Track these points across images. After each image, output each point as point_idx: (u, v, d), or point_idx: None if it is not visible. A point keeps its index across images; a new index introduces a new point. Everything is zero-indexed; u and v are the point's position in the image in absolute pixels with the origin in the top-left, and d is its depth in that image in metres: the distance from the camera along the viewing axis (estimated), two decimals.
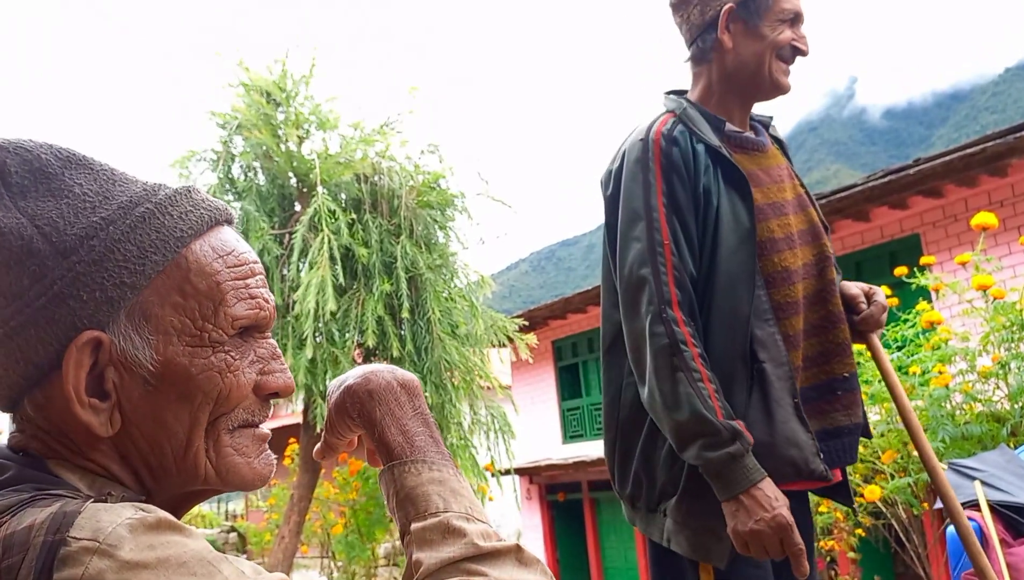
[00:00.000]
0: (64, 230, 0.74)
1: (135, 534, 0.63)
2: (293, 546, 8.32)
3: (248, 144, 7.84)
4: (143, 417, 0.76)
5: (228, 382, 0.79)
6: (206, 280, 0.78)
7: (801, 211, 1.99)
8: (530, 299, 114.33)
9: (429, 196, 7.99)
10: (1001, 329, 4.53)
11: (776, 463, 1.76)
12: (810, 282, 1.93)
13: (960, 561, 2.65)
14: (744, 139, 1.99)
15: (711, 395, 1.70)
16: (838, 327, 1.93)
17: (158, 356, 0.76)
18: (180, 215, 0.79)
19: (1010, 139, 7.24)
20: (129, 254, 0.75)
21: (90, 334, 0.73)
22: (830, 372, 1.91)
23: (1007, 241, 7.51)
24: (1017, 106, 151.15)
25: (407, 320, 7.43)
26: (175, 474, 0.79)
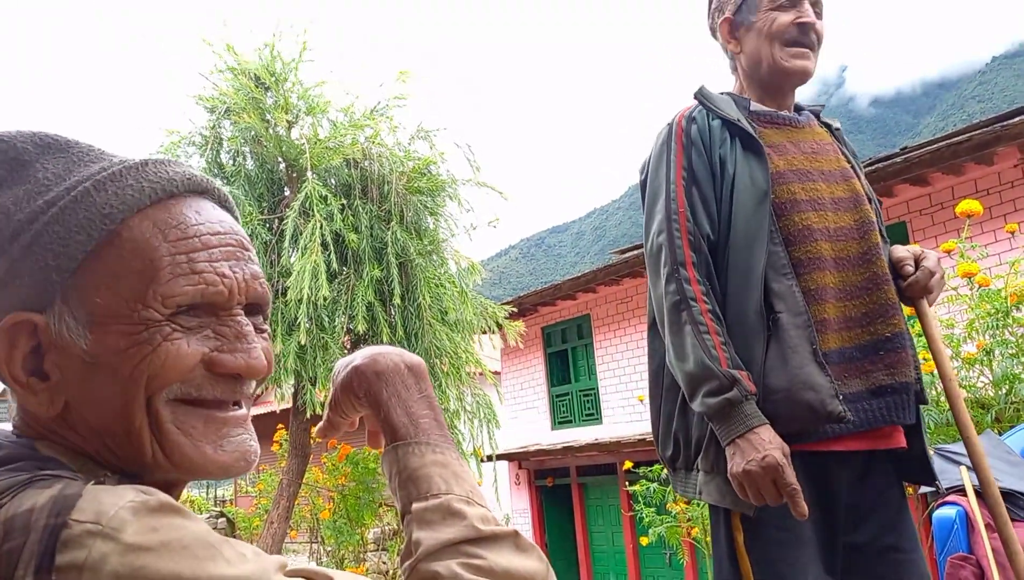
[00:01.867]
0: (13, 216, 0.75)
1: (138, 517, 0.62)
2: (282, 531, 8.33)
3: (236, 129, 7.80)
4: (85, 397, 0.76)
5: (160, 354, 0.75)
6: (140, 258, 0.75)
7: (843, 181, 2.04)
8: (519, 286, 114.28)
9: (419, 182, 7.97)
10: (986, 316, 4.57)
11: (793, 407, 1.80)
12: (850, 244, 1.97)
13: (946, 546, 2.69)
14: (774, 115, 2.08)
15: (716, 346, 1.80)
16: (882, 288, 1.94)
17: (92, 336, 0.74)
18: (115, 191, 0.76)
19: (996, 128, 7.29)
20: (55, 236, 0.74)
21: (17, 317, 0.74)
22: (874, 332, 1.92)
23: (992, 229, 7.57)
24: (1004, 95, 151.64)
25: (397, 306, 7.42)
26: (126, 454, 0.77)
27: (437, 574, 0.73)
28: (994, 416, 4.36)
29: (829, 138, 2.14)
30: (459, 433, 8.11)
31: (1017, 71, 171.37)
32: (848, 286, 1.94)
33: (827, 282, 1.92)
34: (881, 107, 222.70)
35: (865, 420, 1.86)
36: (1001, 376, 4.44)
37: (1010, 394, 4.38)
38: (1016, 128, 7.17)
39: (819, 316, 1.89)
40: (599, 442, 12.47)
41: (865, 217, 2.00)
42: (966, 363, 4.67)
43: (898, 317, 1.94)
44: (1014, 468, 2.85)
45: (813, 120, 2.16)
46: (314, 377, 7.37)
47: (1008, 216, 7.62)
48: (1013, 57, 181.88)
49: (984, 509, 2.68)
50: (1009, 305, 4.50)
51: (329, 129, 8.09)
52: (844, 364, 1.89)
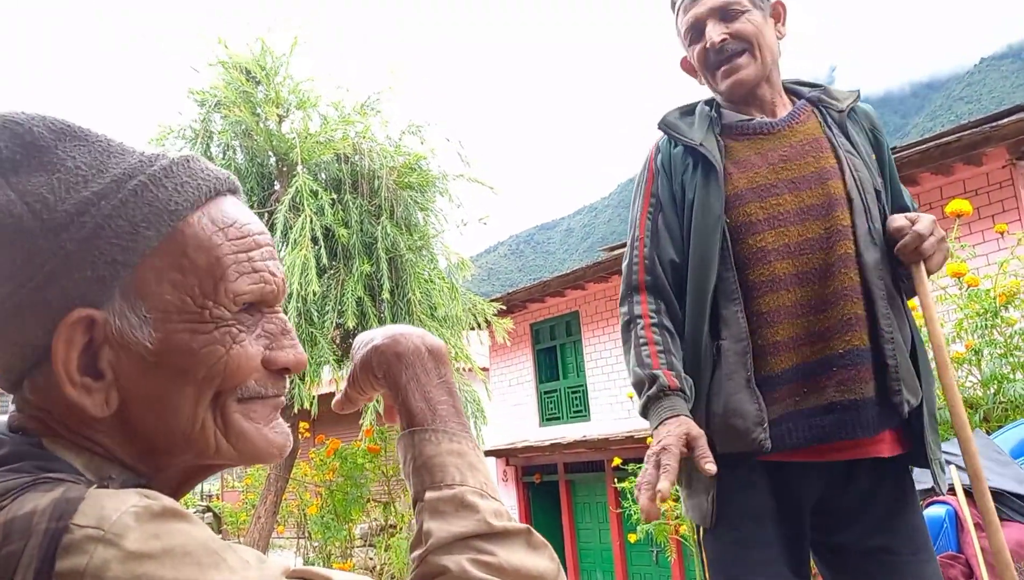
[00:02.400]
0: (54, 206, 0.71)
1: (140, 523, 0.61)
2: (269, 526, 8.31)
3: (227, 122, 7.75)
4: (145, 395, 0.74)
5: (234, 355, 0.77)
6: (205, 255, 0.76)
7: (817, 185, 1.94)
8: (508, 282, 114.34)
9: (410, 177, 7.95)
10: (975, 316, 4.60)
11: (726, 432, 1.87)
12: (815, 256, 1.90)
13: (935, 545, 2.70)
14: (745, 126, 2.04)
15: (652, 354, 1.89)
16: (843, 303, 1.88)
17: (156, 333, 0.74)
18: (175, 187, 0.76)
19: (986, 128, 7.32)
20: (120, 230, 0.72)
21: (80, 313, 0.71)
22: (830, 348, 1.88)
23: (980, 229, 7.61)
24: (992, 96, 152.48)
25: (387, 301, 7.40)
26: (185, 449, 0.77)
27: (446, 569, 0.72)
28: (982, 416, 4.38)
29: (818, 131, 2.03)
30: None
31: (1005, 72, 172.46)
32: (811, 300, 1.89)
33: (782, 302, 1.89)
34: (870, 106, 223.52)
35: (815, 436, 1.86)
36: (989, 376, 4.47)
37: (998, 394, 4.40)
38: (1005, 129, 7.21)
39: (771, 338, 1.88)
40: (587, 439, 12.49)
41: (836, 224, 1.91)
42: (955, 363, 4.69)
43: (855, 333, 1.87)
44: (1004, 468, 2.87)
45: (804, 111, 2.07)
46: (303, 372, 7.34)
47: (996, 216, 7.66)
48: (1001, 59, 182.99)
49: (973, 508, 2.69)
50: (998, 305, 4.52)
51: (320, 124, 8.06)
52: (800, 381, 1.88)
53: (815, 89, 2.14)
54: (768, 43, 2.02)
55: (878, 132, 2.12)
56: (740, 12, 2.00)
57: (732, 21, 2.00)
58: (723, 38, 1.99)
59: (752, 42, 1.99)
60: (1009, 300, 4.50)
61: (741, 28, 1.99)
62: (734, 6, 2.00)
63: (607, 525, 13.80)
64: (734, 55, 2.00)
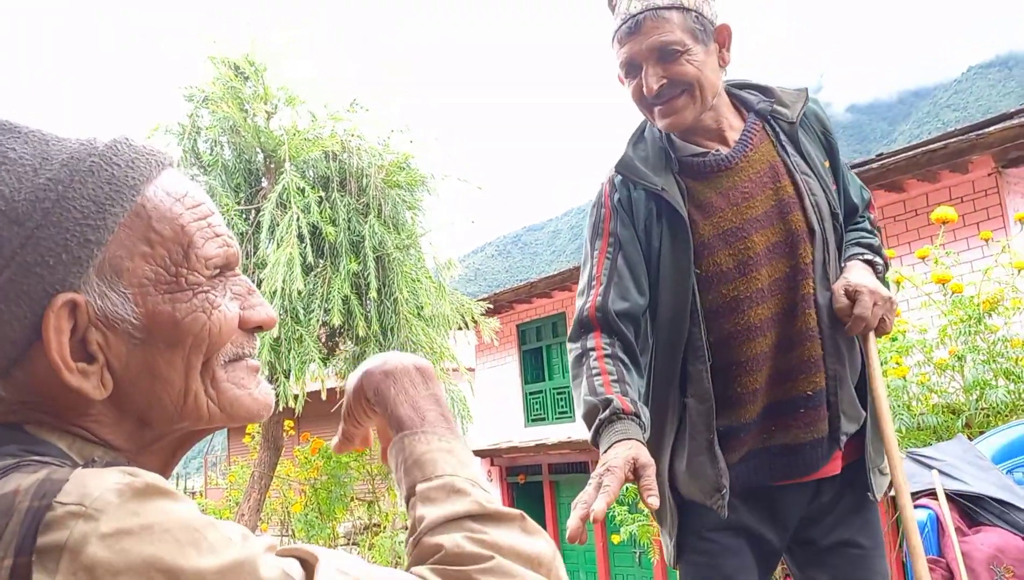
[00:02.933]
0: (11, 197, 0.71)
1: (122, 499, 0.61)
2: (253, 523, 8.28)
3: (215, 118, 7.74)
4: (136, 372, 0.75)
5: (215, 320, 0.78)
6: (170, 225, 0.77)
7: (779, 220, 1.91)
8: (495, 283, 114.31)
9: (398, 176, 7.95)
10: (959, 322, 4.63)
11: (689, 489, 1.93)
12: (785, 296, 1.90)
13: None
14: (702, 163, 1.95)
15: (605, 383, 1.80)
16: (806, 344, 1.89)
17: (139, 308, 0.74)
18: (127, 164, 0.76)
19: (972, 136, 7.37)
20: (87, 210, 0.72)
21: (64, 297, 0.70)
22: (795, 389, 1.89)
23: (965, 237, 7.65)
24: (978, 104, 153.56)
25: (374, 300, 7.40)
26: (177, 419, 0.78)
27: (440, 546, 0.72)
28: (964, 421, 4.41)
29: (772, 154, 1.96)
30: None
31: (992, 81, 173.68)
32: (779, 341, 1.90)
33: (759, 350, 1.88)
34: (857, 113, 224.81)
35: (782, 474, 1.93)
36: (972, 382, 4.50)
37: (980, 400, 4.43)
38: (991, 137, 7.26)
39: (750, 387, 1.89)
40: (572, 440, 12.48)
41: (800, 262, 1.90)
42: (938, 368, 4.73)
43: (819, 373, 1.89)
44: (984, 473, 2.89)
45: (756, 133, 1.98)
46: (288, 370, 7.32)
47: (981, 224, 7.71)
48: (988, 67, 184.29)
49: (955, 513, 2.72)
50: (982, 312, 4.55)
51: (308, 121, 8.05)
52: (769, 421, 1.92)
53: (764, 98, 2.03)
54: (709, 81, 1.89)
55: (829, 134, 2.06)
56: (679, 53, 1.85)
57: (671, 63, 1.85)
58: (661, 84, 1.86)
59: (692, 84, 1.87)
60: (993, 307, 4.54)
61: (681, 71, 1.86)
62: (673, 46, 1.84)
63: (590, 525, 13.75)
64: (672, 98, 1.88)
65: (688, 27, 1.85)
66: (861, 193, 2.13)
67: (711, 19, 1.91)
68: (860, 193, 2.12)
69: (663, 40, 1.84)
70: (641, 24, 1.85)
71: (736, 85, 2.07)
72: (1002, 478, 2.91)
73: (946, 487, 2.79)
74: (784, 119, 1.99)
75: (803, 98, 2.03)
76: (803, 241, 1.90)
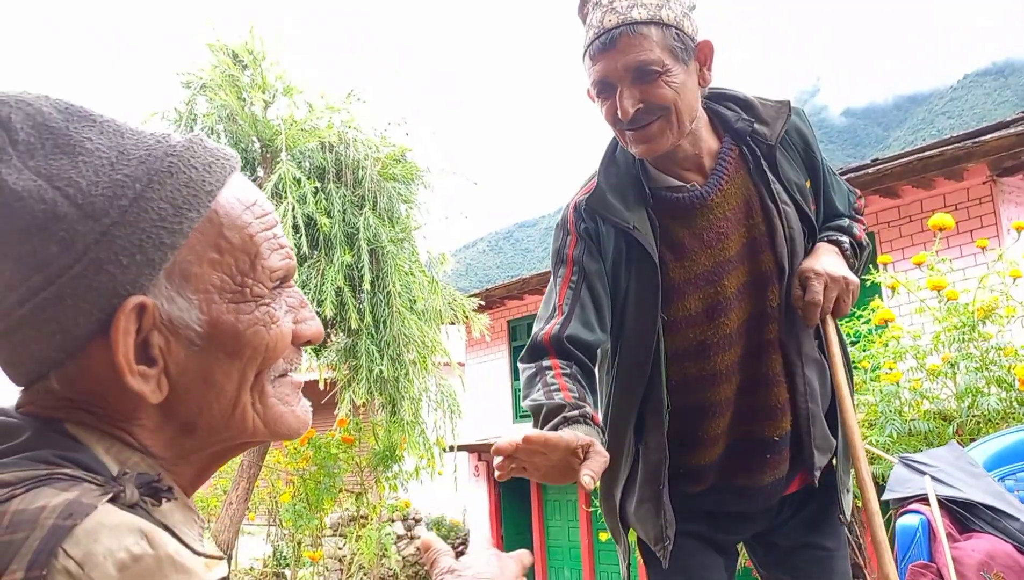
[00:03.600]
0: (88, 191, 0.69)
1: (123, 573, 0.59)
2: (240, 512, 8.26)
3: (212, 105, 7.70)
4: (191, 379, 0.74)
5: (273, 335, 0.78)
6: (239, 233, 0.76)
7: (750, 259, 1.84)
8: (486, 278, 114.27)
9: (394, 169, 7.93)
10: (952, 329, 4.65)
11: (634, 525, 1.94)
12: (749, 340, 1.85)
13: (907, 553, 2.73)
14: (675, 200, 1.84)
15: (566, 396, 1.63)
16: (772, 389, 1.85)
17: (203, 316, 0.73)
18: (204, 167, 0.75)
19: (968, 144, 7.40)
20: (164, 213, 0.71)
21: (135, 300, 0.69)
22: (759, 433, 1.87)
23: (959, 244, 7.69)
24: (973, 112, 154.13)
25: (367, 292, 7.38)
26: (222, 430, 0.77)
27: None
28: (955, 428, 4.43)
29: (748, 187, 1.86)
30: (423, 422, 8.09)
31: (988, 89, 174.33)
32: (747, 382, 1.86)
33: (722, 395, 1.85)
34: (853, 117, 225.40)
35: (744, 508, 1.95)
36: (964, 389, 4.51)
37: (972, 407, 4.45)
38: (987, 145, 7.29)
39: (713, 431, 1.87)
40: None
41: (767, 304, 1.84)
42: (930, 375, 4.75)
43: (785, 417, 1.86)
44: (976, 480, 2.89)
45: (731, 161, 1.86)
46: None
47: (975, 232, 7.74)
48: (984, 75, 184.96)
49: (947, 518, 2.72)
50: (976, 319, 4.57)
51: (305, 111, 8.02)
52: (733, 460, 1.90)
53: (743, 116, 1.88)
54: (688, 105, 1.75)
55: (811, 150, 1.94)
56: (658, 74, 1.70)
57: (648, 84, 1.70)
58: (637, 108, 1.71)
59: (669, 108, 1.72)
60: (987, 315, 4.55)
61: (658, 94, 1.71)
62: (652, 66, 1.68)
63: (576, 523, 13.83)
64: (647, 123, 1.73)
65: (668, 45, 1.69)
66: (848, 200, 2.06)
67: (692, 35, 1.75)
68: (847, 200, 2.05)
69: (640, 59, 1.68)
70: (616, 40, 1.68)
71: (716, 97, 1.92)
72: (994, 485, 2.92)
73: (938, 493, 2.79)
74: (763, 140, 1.86)
75: (784, 114, 1.89)
76: (771, 282, 1.83)
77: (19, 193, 0.67)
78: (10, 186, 0.68)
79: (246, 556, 11.90)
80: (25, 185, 0.68)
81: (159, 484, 0.68)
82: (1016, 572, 2.63)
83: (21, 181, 0.68)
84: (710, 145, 1.86)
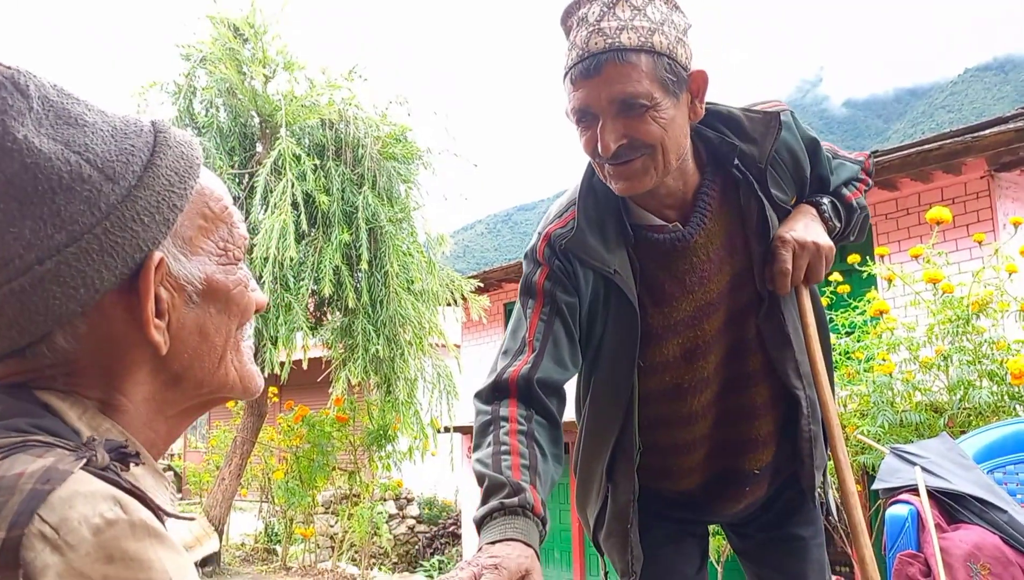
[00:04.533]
0: (105, 156, 0.74)
1: (98, 537, 0.60)
2: (233, 488, 8.30)
3: (212, 79, 7.67)
4: (188, 333, 0.80)
5: (250, 296, 0.87)
6: (217, 204, 0.84)
7: (729, 296, 1.74)
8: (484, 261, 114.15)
9: (394, 148, 7.92)
10: (947, 322, 4.67)
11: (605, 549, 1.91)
12: (727, 371, 1.78)
13: (896, 543, 2.76)
14: (657, 241, 1.71)
15: (514, 466, 1.50)
16: (751, 423, 1.80)
17: (201, 274, 0.80)
18: (188, 145, 0.82)
19: (967, 138, 7.40)
20: (172, 180, 0.78)
21: (159, 255, 0.75)
22: (740, 466, 1.84)
23: (955, 238, 7.70)
24: (972, 106, 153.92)
25: (364, 272, 7.38)
26: (206, 383, 0.83)
27: None
28: (946, 420, 4.46)
29: (733, 222, 1.73)
30: (418, 403, 8.11)
31: (988, 84, 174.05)
32: (725, 415, 1.81)
33: (699, 433, 1.80)
34: (854, 108, 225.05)
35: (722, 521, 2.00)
36: (956, 382, 4.54)
37: (964, 400, 4.48)
38: (986, 140, 7.29)
39: (686, 465, 1.83)
40: None
41: (744, 338, 1.76)
42: (923, 367, 4.77)
43: (768, 449, 1.83)
44: (966, 472, 2.92)
45: (713, 198, 1.72)
46: (275, 337, 7.31)
47: (971, 226, 7.75)
48: (984, 70, 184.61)
49: (935, 509, 2.75)
50: (970, 313, 4.59)
51: (306, 87, 7.99)
52: (711, 488, 1.88)
53: (729, 140, 1.71)
54: (675, 143, 1.59)
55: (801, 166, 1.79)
56: (645, 109, 1.53)
57: (634, 119, 1.54)
58: (619, 144, 1.55)
59: (655, 147, 1.56)
60: (981, 309, 4.58)
61: (644, 131, 1.55)
62: (639, 100, 1.52)
63: (567, 506, 13.89)
64: (629, 160, 1.58)
65: (658, 76, 1.52)
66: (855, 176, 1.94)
67: (685, 64, 1.57)
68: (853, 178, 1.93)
69: (628, 91, 1.51)
70: (602, 67, 1.51)
71: (704, 122, 1.72)
72: (983, 477, 2.94)
73: (928, 484, 2.82)
74: (751, 163, 1.71)
75: (774, 130, 1.70)
76: (751, 315, 1.75)
77: (47, 154, 0.71)
78: (36, 147, 0.71)
79: (237, 532, 11.94)
80: (51, 148, 0.71)
81: (127, 450, 0.71)
82: (1003, 563, 2.66)
83: (47, 144, 0.71)
84: (692, 176, 1.71)
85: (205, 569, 7.67)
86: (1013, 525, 2.72)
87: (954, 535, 2.71)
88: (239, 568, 8.62)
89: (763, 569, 2.01)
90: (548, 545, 14.50)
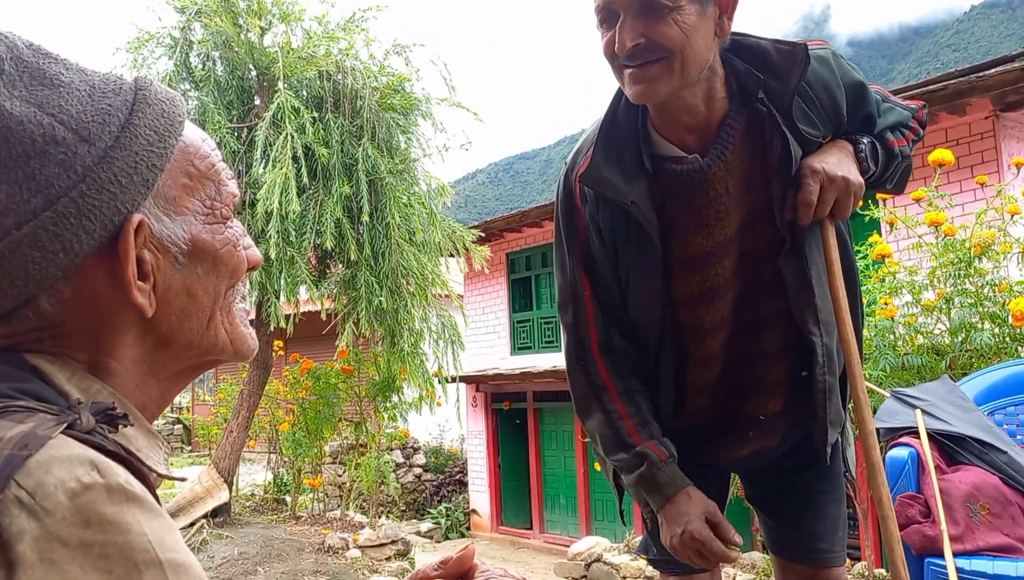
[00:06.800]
0: (80, 118, 0.72)
1: (74, 501, 0.59)
2: (241, 440, 8.39)
3: (208, 32, 7.57)
4: (175, 294, 0.78)
5: (240, 254, 0.84)
6: (203, 161, 0.82)
7: (749, 232, 1.71)
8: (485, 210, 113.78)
9: (393, 99, 7.85)
10: (949, 265, 4.67)
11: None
12: (742, 314, 1.77)
13: (896, 485, 2.79)
14: (677, 172, 1.68)
15: (630, 430, 1.71)
16: (761, 368, 1.80)
17: (186, 234, 0.79)
18: (170, 101, 0.80)
19: (972, 78, 7.32)
20: (151, 138, 0.76)
21: (138, 216, 0.74)
22: (744, 410, 1.84)
23: (959, 179, 7.66)
24: (979, 45, 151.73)
25: (366, 224, 7.37)
26: (195, 345, 0.82)
27: None
28: (948, 363, 4.48)
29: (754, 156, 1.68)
30: (423, 354, 8.15)
31: (995, 22, 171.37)
32: (734, 360, 1.80)
33: (711, 375, 1.81)
34: (858, 48, 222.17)
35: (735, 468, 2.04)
36: (959, 324, 4.56)
37: (965, 342, 4.50)
38: (991, 80, 7.21)
39: (696, 402, 1.84)
40: (557, 369, 12.62)
41: (760, 280, 1.74)
42: (925, 310, 4.78)
43: (774, 397, 1.82)
44: (966, 414, 2.95)
45: (738, 129, 1.67)
46: (278, 290, 7.33)
47: (975, 168, 7.70)
48: (992, 7, 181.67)
49: (935, 451, 2.78)
50: (972, 255, 4.59)
51: (303, 39, 7.89)
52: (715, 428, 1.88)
53: (755, 71, 1.65)
54: (696, 53, 1.54)
55: (838, 105, 1.73)
56: (668, 10, 1.49)
57: (654, 20, 1.50)
58: (636, 43, 1.51)
59: (673, 52, 1.51)
60: (983, 251, 4.57)
61: (663, 33, 1.51)
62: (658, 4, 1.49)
63: (572, 453, 14.05)
64: (646, 62, 1.54)
65: None
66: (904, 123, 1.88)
67: None
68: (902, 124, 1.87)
69: None
70: None
71: (732, 47, 1.67)
72: (983, 419, 2.97)
73: (928, 426, 2.85)
74: (777, 96, 1.65)
75: (800, 63, 1.63)
76: (769, 255, 1.72)
77: (18, 117, 0.69)
78: (8, 111, 0.69)
79: (247, 482, 12.10)
80: (23, 110, 0.70)
81: (114, 411, 0.70)
82: (1001, 503, 2.70)
83: (18, 107, 0.70)
84: (719, 100, 1.66)
85: (216, 519, 7.78)
86: (1012, 466, 2.76)
87: (954, 476, 2.74)
88: (249, 518, 8.75)
89: (775, 520, 2.01)
90: (554, 491, 14.68)
